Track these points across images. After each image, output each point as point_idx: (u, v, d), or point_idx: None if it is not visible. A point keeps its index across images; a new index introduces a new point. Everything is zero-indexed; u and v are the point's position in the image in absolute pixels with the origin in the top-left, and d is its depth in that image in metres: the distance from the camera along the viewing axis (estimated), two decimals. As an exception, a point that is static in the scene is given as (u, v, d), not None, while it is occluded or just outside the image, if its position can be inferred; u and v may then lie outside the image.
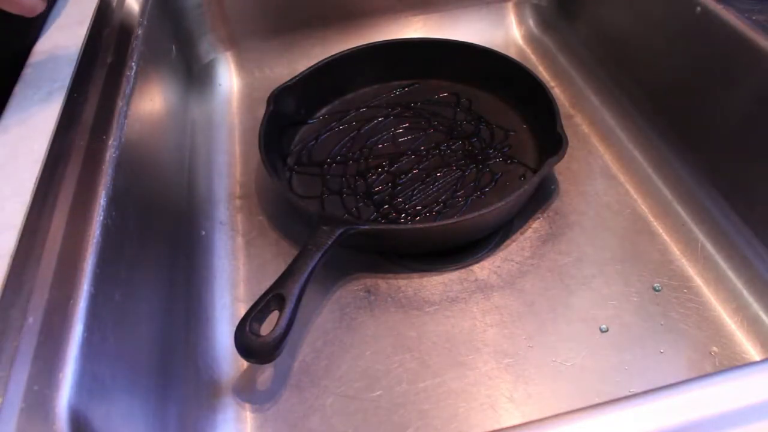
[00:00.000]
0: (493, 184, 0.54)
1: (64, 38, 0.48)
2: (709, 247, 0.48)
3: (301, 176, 0.56)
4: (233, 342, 0.39)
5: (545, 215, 0.52)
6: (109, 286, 0.33)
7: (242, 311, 0.41)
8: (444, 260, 0.49)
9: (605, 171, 0.56)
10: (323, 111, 0.63)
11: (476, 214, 0.45)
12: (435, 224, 0.48)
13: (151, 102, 0.49)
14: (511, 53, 0.65)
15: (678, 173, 0.52)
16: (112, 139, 0.39)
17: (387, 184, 0.54)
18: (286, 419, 0.40)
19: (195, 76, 0.67)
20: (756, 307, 0.44)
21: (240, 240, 0.52)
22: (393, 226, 0.49)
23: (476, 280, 0.48)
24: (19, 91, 0.43)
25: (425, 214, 0.51)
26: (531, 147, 0.57)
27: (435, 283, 0.48)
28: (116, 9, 0.51)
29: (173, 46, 0.63)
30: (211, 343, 0.44)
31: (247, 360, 0.40)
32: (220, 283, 0.49)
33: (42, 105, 0.41)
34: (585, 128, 0.60)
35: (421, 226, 0.49)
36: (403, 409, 0.40)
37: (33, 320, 0.29)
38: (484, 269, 0.48)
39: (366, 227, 0.46)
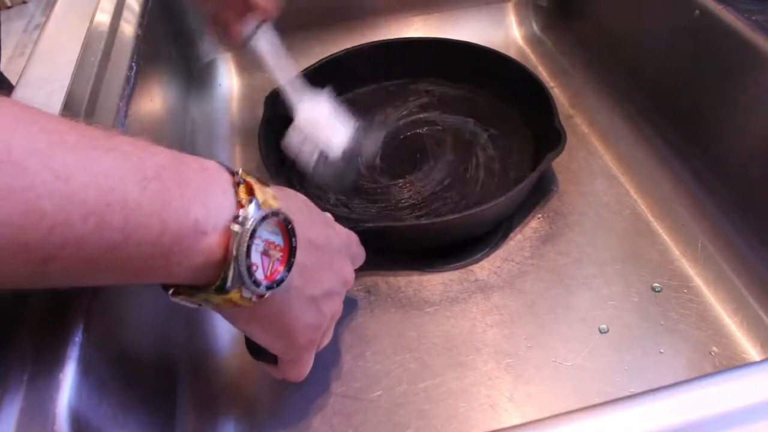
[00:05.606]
0: (493, 180, 0.54)
1: (64, 38, 0.48)
2: (709, 247, 0.48)
3: (301, 176, 0.56)
4: (233, 339, 0.39)
5: (545, 215, 0.52)
6: (109, 286, 0.33)
7: (242, 311, 0.41)
8: (444, 260, 0.49)
9: (605, 171, 0.56)
10: (323, 111, 0.63)
11: (476, 209, 0.45)
12: (436, 220, 0.48)
13: (151, 102, 0.49)
14: (511, 53, 0.65)
15: (678, 173, 0.52)
16: (112, 139, 0.39)
17: (387, 181, 0.54)
18: (287, 419, 0.40)
19: (195, 76, 0.67)
20: (756, 307, 0.44)
21: (240, 240, 0.52)
22: (394, 224, 0.49)
23: (476, 280, 0.48)
24: (19, 91, 0.43)
25: (425, 211, 0.51)
26: (530, 145, 0.57)
27: (435, 283, 0.48)
28: (116, 9, 0.51)
29: (173, 46, 0.63)
30: (211, 343, 0.44)
31: (256, 358, 0.40)
32: (220, 283, 0.48)
33: (42, 105, 0.41)
34: (585, 128, 0.60)
35: (421, 222, 0.49)
36: (403, 409, 0.40)
37: (33, 319, 0.29)
38: (484, 269, 0.48)
39: (367, 225, 0.46)
